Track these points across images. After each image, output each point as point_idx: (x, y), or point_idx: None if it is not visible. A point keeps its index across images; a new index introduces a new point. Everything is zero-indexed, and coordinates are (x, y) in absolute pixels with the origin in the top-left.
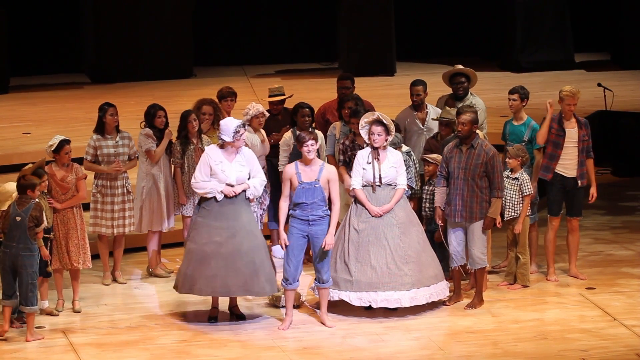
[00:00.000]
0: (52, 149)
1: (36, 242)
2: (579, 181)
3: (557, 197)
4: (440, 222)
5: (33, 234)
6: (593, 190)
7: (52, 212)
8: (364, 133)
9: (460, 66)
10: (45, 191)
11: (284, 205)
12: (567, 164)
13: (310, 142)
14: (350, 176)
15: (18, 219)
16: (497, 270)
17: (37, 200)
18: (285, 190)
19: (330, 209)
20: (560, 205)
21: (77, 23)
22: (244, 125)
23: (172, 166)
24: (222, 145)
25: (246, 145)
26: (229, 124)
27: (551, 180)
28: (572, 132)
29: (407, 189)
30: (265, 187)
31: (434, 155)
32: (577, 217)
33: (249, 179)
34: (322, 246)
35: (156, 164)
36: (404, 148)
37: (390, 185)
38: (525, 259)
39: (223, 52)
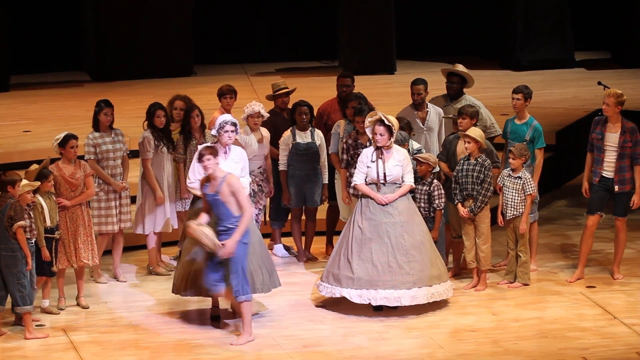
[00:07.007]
0: (58, 142)
1: (18, 242)
2: (617, 186)
3: (595, 195)
4: None
5: (12, 234)
6: (635, 197)
7: (57, 211)
8: (368, 132)
9: (459, 67)
10: (53, 191)
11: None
12: (606, 165)
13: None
14: (348, 184)
15: None
16: (498, 268)
17: (13, 200)
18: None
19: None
20: (597, 205)
21: (78, 21)
22: (234, 124)
23: (175, 162)
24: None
25: (239, 145)
26: (219, 119)
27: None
28: (612, 136)
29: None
30: (261, 187)
31: (426, 155)
32: (619, 217)
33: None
34: None
35: (158, 165)
36: (415, 145)
37: (396, 184)
38: (526, 257)
39: (223, 50)
